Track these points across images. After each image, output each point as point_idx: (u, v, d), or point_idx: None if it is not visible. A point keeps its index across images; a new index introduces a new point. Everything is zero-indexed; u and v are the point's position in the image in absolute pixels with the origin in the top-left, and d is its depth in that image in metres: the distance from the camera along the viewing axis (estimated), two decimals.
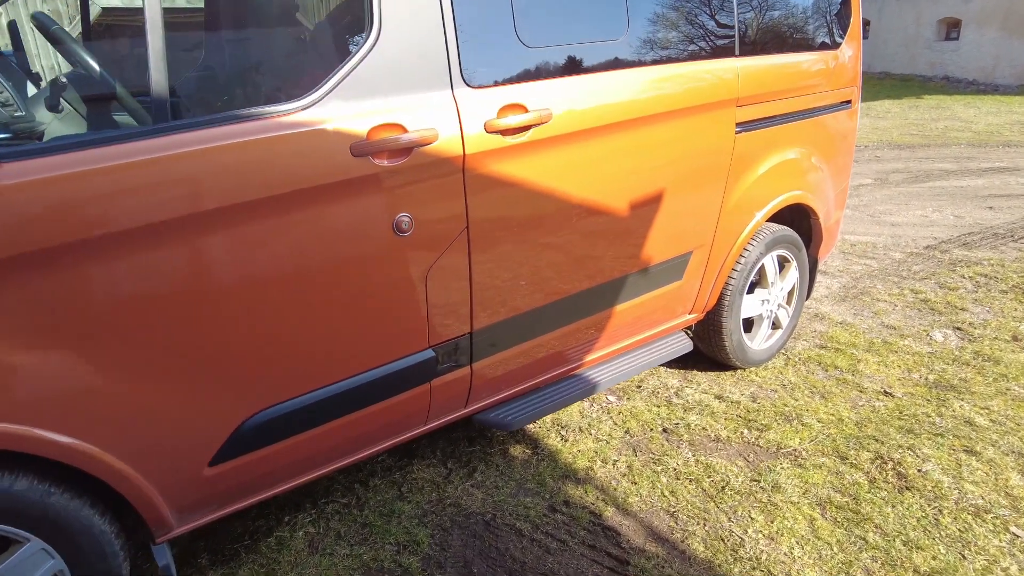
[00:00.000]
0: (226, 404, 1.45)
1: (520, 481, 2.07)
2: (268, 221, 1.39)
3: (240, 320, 1.41)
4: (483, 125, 1.64)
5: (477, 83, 1.65)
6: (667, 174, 2.09)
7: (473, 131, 1.62)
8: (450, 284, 1.70)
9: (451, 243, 1.66)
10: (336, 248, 1.49)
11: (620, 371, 2.24)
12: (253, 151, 1.35)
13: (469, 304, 1.76)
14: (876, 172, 6.08)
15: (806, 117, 2.55)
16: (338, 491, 2.04)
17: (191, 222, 1.31)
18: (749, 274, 2.55)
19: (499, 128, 1.66)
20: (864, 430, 2.30)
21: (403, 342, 1.67)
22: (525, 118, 1.69)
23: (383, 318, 1.61)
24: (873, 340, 3.00)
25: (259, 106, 1.39)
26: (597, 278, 2.03)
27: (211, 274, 1.36)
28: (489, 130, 1.65)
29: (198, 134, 1.31)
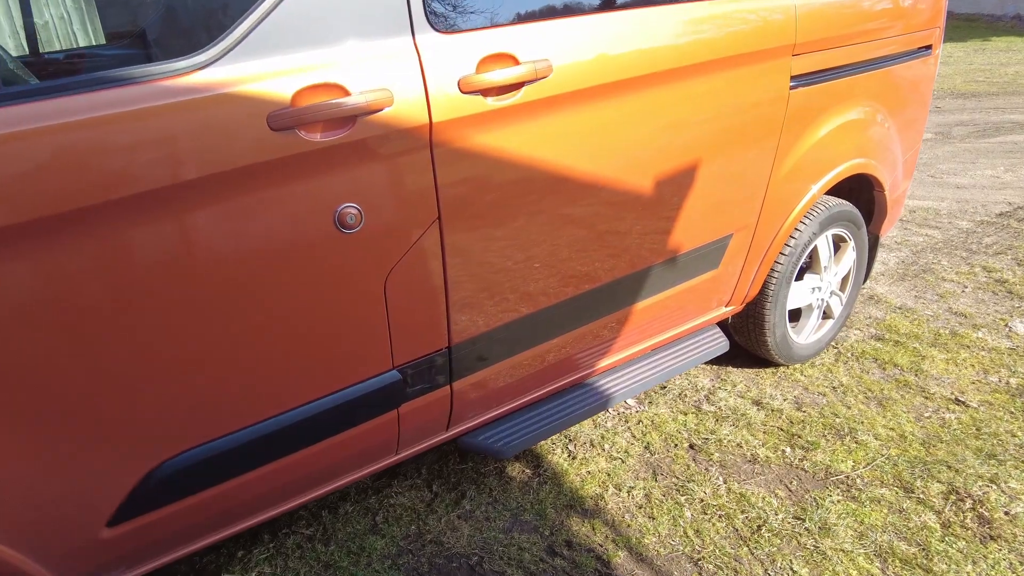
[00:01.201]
0: (121, 454, 1.13)
1: (516, 511, 1.75)
2: (153, 222, 1.03)
3: (130, 353, 1.08)
4: (457, 83, 1.24)
5: (448, 27, 1.25)
6: (703, 142, 1.66)
7: (443, 91, 1.23)
8: (418, 291, 1.34)
9: (417, 239, 1.29)
10: (257, 252, 1.13)
11: (640, 380, 1.87)
12: (123, 128, 0.98)
13: (445, 314, 1.40)
14: (937, 125, 5.45)
15: (876, 67, 2.07)
16: (303, 520, 1.74)
17: (48, 227, 0.96)
18: (799, 258, 2.13)
19: (479, 86, 1.26)
20: (933, 452, 1.91)
21: (357, 365, 1.32)
22: (516, 72, 1.29)
23: (328, 338, 1.26)
24: (939, 331, 2.57)
25: (135, 66, 1.01)
26: (612, 273, 1.65)
27: (85, 292, 1.02)
28: (465, 89, 1.25)
29: (39, 106, 0.94)
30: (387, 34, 1.18)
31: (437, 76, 1.22)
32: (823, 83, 1.90)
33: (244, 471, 1.27)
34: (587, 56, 1.39)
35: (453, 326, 1.42)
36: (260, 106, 1.07)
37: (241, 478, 1.27)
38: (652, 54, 1.49)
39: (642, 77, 1.48)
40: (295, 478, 1.37)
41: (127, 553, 1.22)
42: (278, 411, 1.26)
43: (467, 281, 1.40)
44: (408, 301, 1.33)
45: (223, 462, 1.23)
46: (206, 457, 1.21)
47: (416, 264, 1.31)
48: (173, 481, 1.19)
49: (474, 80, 1.25)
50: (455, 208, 1.31)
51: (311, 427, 1.30)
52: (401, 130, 1.20)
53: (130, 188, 0.99)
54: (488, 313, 1.47)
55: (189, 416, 1.18)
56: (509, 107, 1.31)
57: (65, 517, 1.12)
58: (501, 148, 1.33)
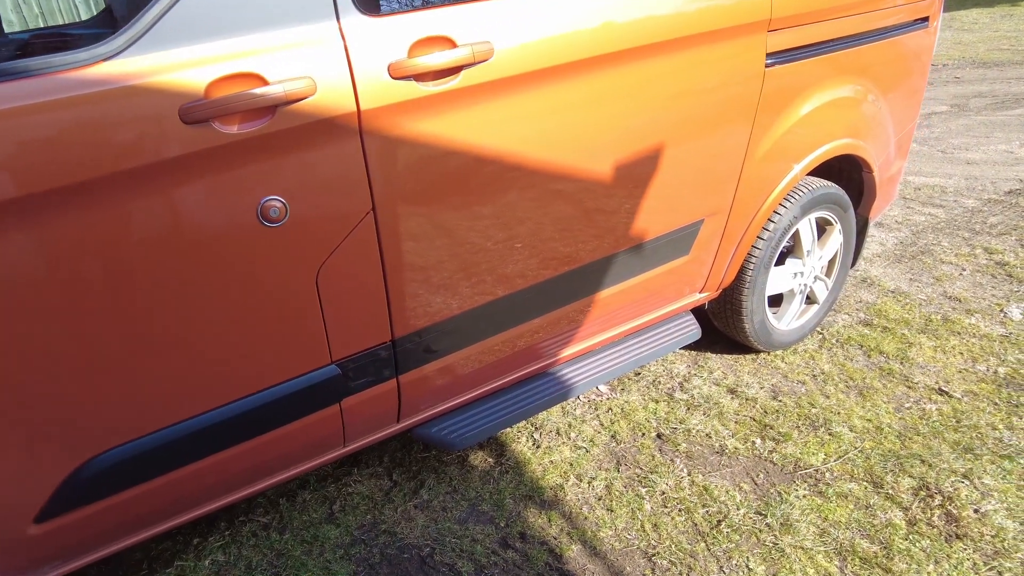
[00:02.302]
0: (47, 451, 1.12)
1: (474, 501, 1.73)
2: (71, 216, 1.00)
3: (53, 350, 1.06)
4: (387, 68, 1.18)
5: (377, 9, 1.18)
6: (667, 127, 1.59)
7: (371, 78, 1.17)
8: (354, 284, 1.30)
9: (350, 232, 1.25)
10: (179, 248, 1.10)
11: (604, 369, 1.83)
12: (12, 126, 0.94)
13: (386, 307, 1.36)
14: (954, 97, 5.24)
15: (864, 42, 1.96)
16: (260, 507, 1.75)
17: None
18: (779, 243, 2.06)
19: (412, 71, 1.20)
20: (908, 445, 1.86)
21: (291, 360, 1.30)
22: (452, 56, 1.23)
23: (258, 334, 1.23)
24: (931, 316, 2.49)
25: (33, 58, 0.97)
26: (570, 263, 1.60)
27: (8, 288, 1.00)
28: (396, 75, 1.19)
29: None
30: (309, 19, 1.12)
31: (365, 62, 1.16)
32: (803, 60, 1.81)
33: (177, 467, 1.26)
34: (534, 37, 1.32)
35: (396, 319, 1.39)
36: (171, 98, 1.03)
37: (174, 473, 1.26)
38: (608, 34, 1.41)
39: (597, 58, 1.41)
40: (234, 473, 1.36)
41: (58, 549, 1.22)
42: (207, 408, 1.24)
43: (409, 274, 1.35)
44: (344, 295, 1.30)
45: (153, 458, 1.22)
46: (136, 454, 1.20)
47: (350, 257, 1.27)
48: (102, 477, 1.18)
49: (406, 65, 1.19)
50: (391, 199, 1.27)
51: (244, 423, 1.29)
52: (326, 120, 1.15)
53: (24, 189, 0.96)
54: (434, 306, 1.43)
55: (116, 412, 1.16)
56: (447, 92, 1.25)
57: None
58: (441, 136, 1.27)
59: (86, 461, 1.16)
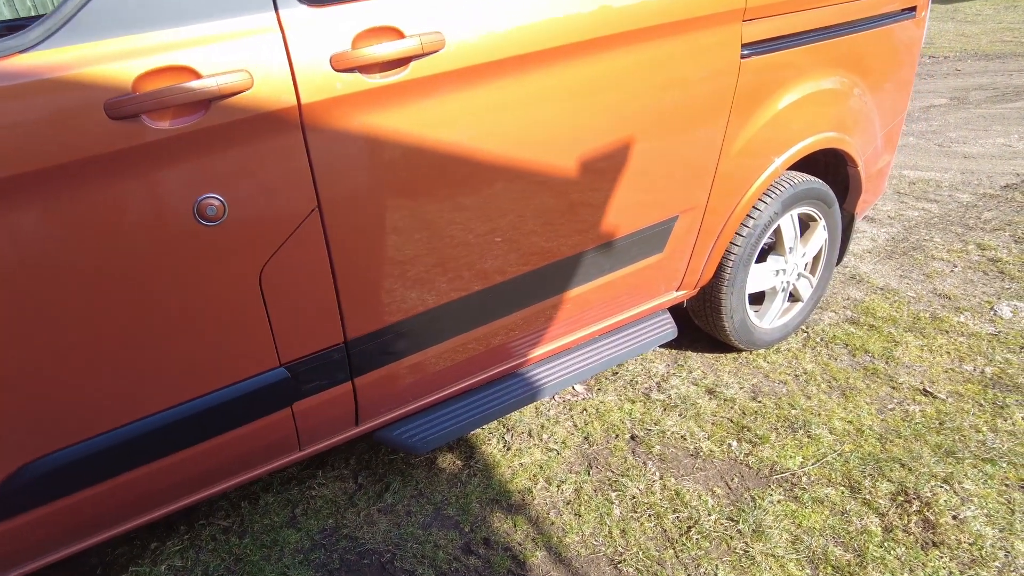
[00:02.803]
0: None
1: (440, 505, 1.69)
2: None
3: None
4: (329, 60, 1.14)
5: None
6: (636, 120, 1.54)
7: (313, 70, 1.12)
8: (301, 285, 1.25)
9: (294, 231, 1.20)
10: (111, 249, 1.06)
11: (575, 370, 1.79)
12: None
13: (337, 308, 1.31)
14: (953, 89, 5.15)
15: (848, 32, 1.90)
16: (222, 510, 1.71)
17: None
18: (759, 239, 2.00)
19: (356, 63, 1.15)
20: (889, 448, 1.80)
21: (237, 363, 1.25)
22: (399, 47, 1.18)
23: (200, 336, 1.19)
24: (919, 314, 2.43)
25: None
26: (535, 262, 1.55)
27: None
28: (339, 67, 1.14)
29: None
30: (245, 9, 1.08)
31: (305, 54, 1.11)
32: (781, 51, 1.75)
33: (119, 472, 1.22)
34: (490, 28, 1.27)
35: (348, 321, 1.34)
36: (95, 93, 0.98)
37: (118, 479, 1.22)
38: (570, 24, 1.36)
39: (558, 49, 1.36)
40: (183, 477, 1.32)
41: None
42: (149, 412, 1.20)
43: (360, 275, 1.31)
44: (290, 296, 1.25)
45: (95, 463, 1.18)
46: (76, 458, 1.16)
47: (296, 257, 1.22)
48: (42, 483, 1.15)
49: (349, 57, 1.14)
50: (338, 197, 1.22)
51: (190, 427, 1.25)
52: (264, 115, 1.10)
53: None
54: (390, 307, 1.39)
55: (51, 417, 1.12)
56: (395, 85, 1.20)
57: None
58: (390, 130, 1.22)
59: (23, 466, 1.13)
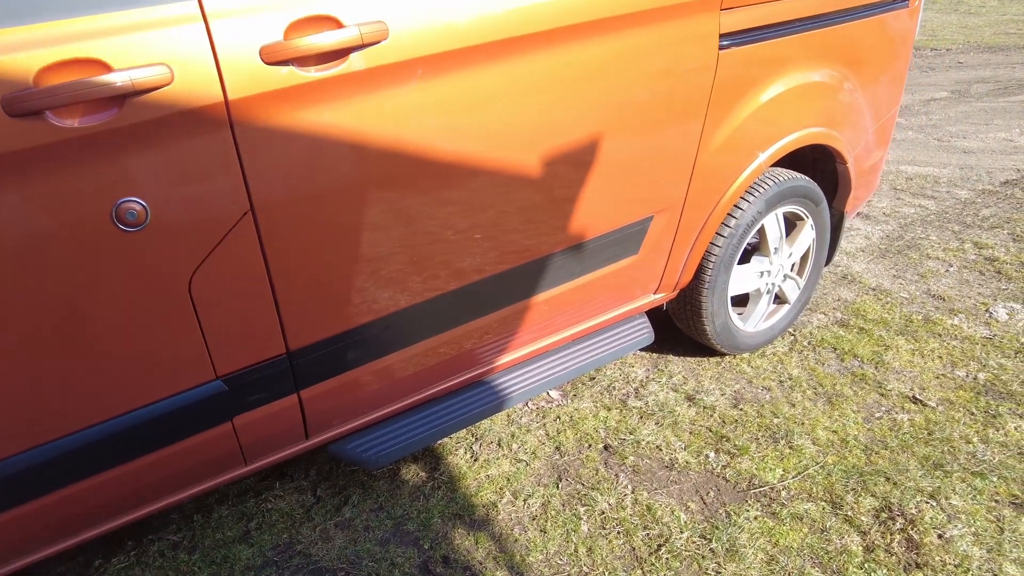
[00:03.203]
0: None
1: (400, 520, 1.61)
2: None
3: None
4: (259, 52, 1.05)
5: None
6: (606, 115, 1.45)
7: (240, 63, 1.04)
8: (236, 293, 1.17)
9: (225, 236, 1.12)
10: (22, 258, 0.98)
11: (542, 378, 1.70)
12: None
13: (276, 318, 1.23)
14: (955, 83, 5.03)
15: (835, 22, 1.81)
16: (173, 524, 1.64)
17: None
18: (742, 240, 1.92)
19: (289, 55, 1.06)
20: (874, 460, 1.72)
21: (167, 376, 1.17)
22: (337, 38, 1.09)
23: (124, 348, 1.11)
24: (912, 316, 2.34)
25: None
26: (495, 266, 1.46)
27: None
28: (270, 59, 1.06)
29: None
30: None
31: (231, 45, 1.03)
32: (763, 42, 1.65)
33: (47, 490, 1.14)
34: (439, 17, 1.18)
35: (290, 331, 1.26)
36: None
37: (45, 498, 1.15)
38: (529, 12, 1.27)
39: (516, 40, 1.27)
40: (118, 495, 1.25)
41: None
42: (75, 428, 1.12)
43: (300, 282, 1.23)
44: (223, 305, 1.17)
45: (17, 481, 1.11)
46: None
47: (228, 264, 1.14)
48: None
49: (281, 48, 1.05)
50: (273, 199, 1.13)
51: (121, 443, 1.17)
52: (186, 111, 1.01)
53: None
54: (336, 315, 1.30)
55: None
56: (333, 78, 1.11)
57: None
58: (329, 126, 1.14)
59: None
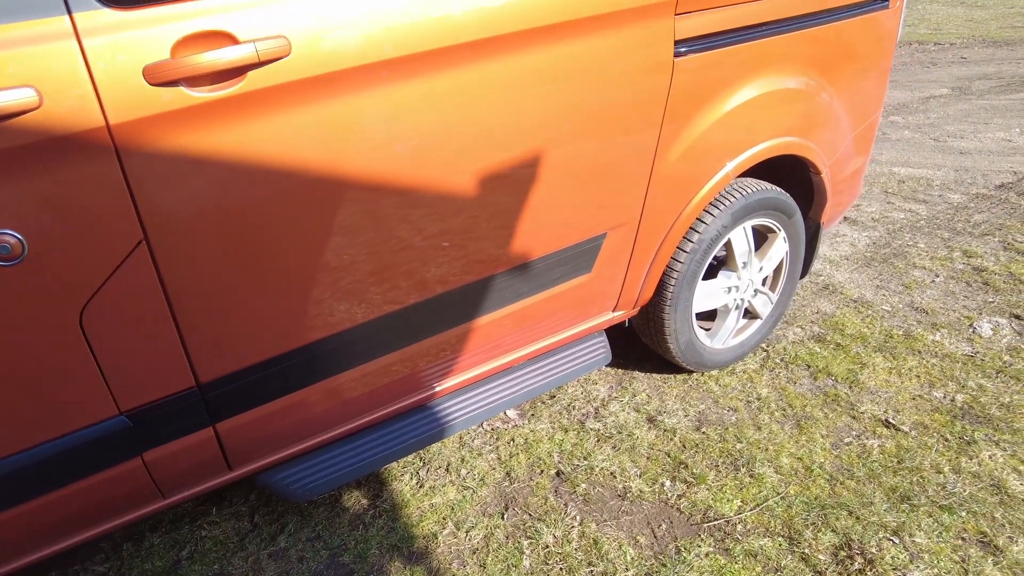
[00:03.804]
0: None
1: (336, 551, 1.55)
2: None
3: None
4: (143, 72, 0.97)
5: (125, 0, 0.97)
6: (548, 131, 1.36)
7: (121, 85, 0.96)
8: (133, 326, 1.10)
9: (118, 267, 1.04)
10: None
11: (487, 404, 1.63)
12: None
13: (182, 350, 1.16)
14: (956, 79, 4.89)
15: (805, 25, 1.71)
16: (102, 553, 1.58)
17: None
18: (706, 255, 1.83)
19: (177, 75, 0.98)
20: (838, 491, 1.64)
21: (65, 414, 1.11)
22: (231, 55, 1.01)
23: (12, 387, 1.04)
24: (892, 331, 2.24)
25: None
26: (425, 290, 1.38)
27: None
28: (156, 80, 0.97)
29: None
30: (26, 12, 0.91)
31: (110, 65, 0.95)
32: (724, 48, 1.56)
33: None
34: (350, 31, 1.09)
35: (198, 363, 1.19)
36: None
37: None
38: (455, 23, 1.18)
39: (442, 51, 1.18)
40: (26, 531, 1.19)
41: None
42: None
43: (207, 312, 1.15)
44: (122, 340, 1.10)
45: None
46: None
47: (123, 296, 1.07)
48: None
49: (167, 68, 0.97)
50: (169, 227, 1.06)
51: (20, 481, 1.10)
52: (60, 137, 0.94)
53: None
54: (250, 345, 1.23)
55: None
56: (230, 98, 1.03)
57: None
58: (229, 150, 1.06)
59: None
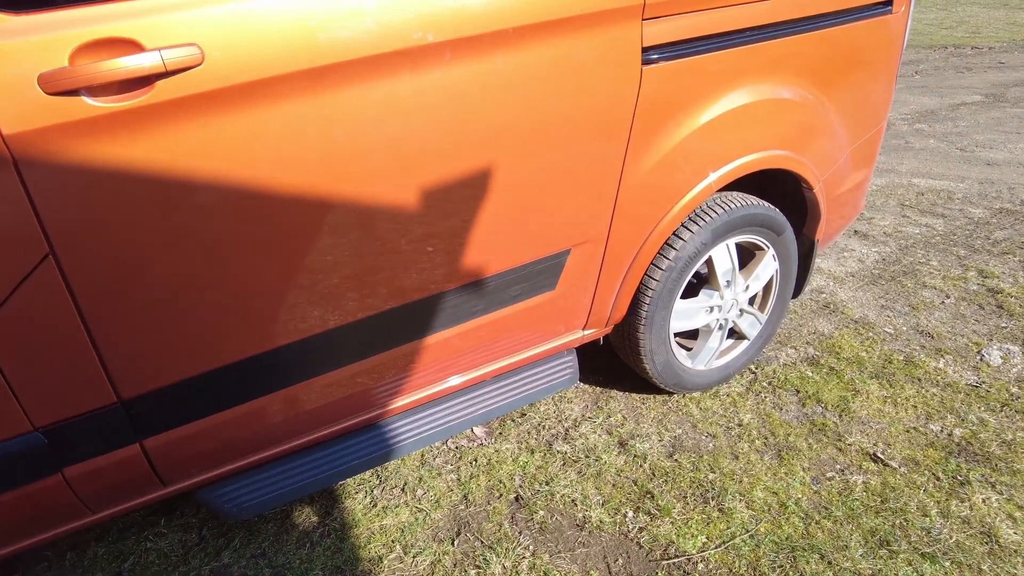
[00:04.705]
0: None
1: (280, 569, 1.50)
2: None
3: None
4: (37, 81, 0.92)
5: (17, 4, 0.92)
6: (502, 141, 1.28)
7: (15, 94, 0.91)
8: (43, 341, 1.06)
9: (22, 281, 1.00)
10: None
11: (438, 426, 1.56)
12: None
13: (99, 366, 1.12)
14: (991, 85, 4.65)
15: (795, 32, 1.60)
16: (45, 561, 1.55)
17: None
18: (683, 273, 1.73)
19: (76, 83, 0.93)
20: (813, 532, 1.53)
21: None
22: (135, 64, 0.95)
23: None
24: (892, 356, 2.11)
25: None
26: (375, 305, 1.32)
27: None
28: (53, 89, 0.93)
29: None
30: None
31: (2, 73, 0.91)
32: (700, 55, 1.46)
33: None
34: (273, 37, 1.03)
35: (119, 379, 1.14)
36: None
37: None
38: (397, 26, 1.11)
39: (381, 57, 1.12)
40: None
41: None
42: None
43: (124, 328, 1.11)
44: (30, 354, 1.06)
45: None
46: None
47: (29, 310, 1.03)
48: None
49: (65, 76, 0.93)
50: (77, 240, 1.01)
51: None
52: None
53: None
54: (177, 361, 1.18)
55: None
56: (137, 108, 0.98)
57: None
58: (139, 160, 1.01)
59: None
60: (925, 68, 6.59)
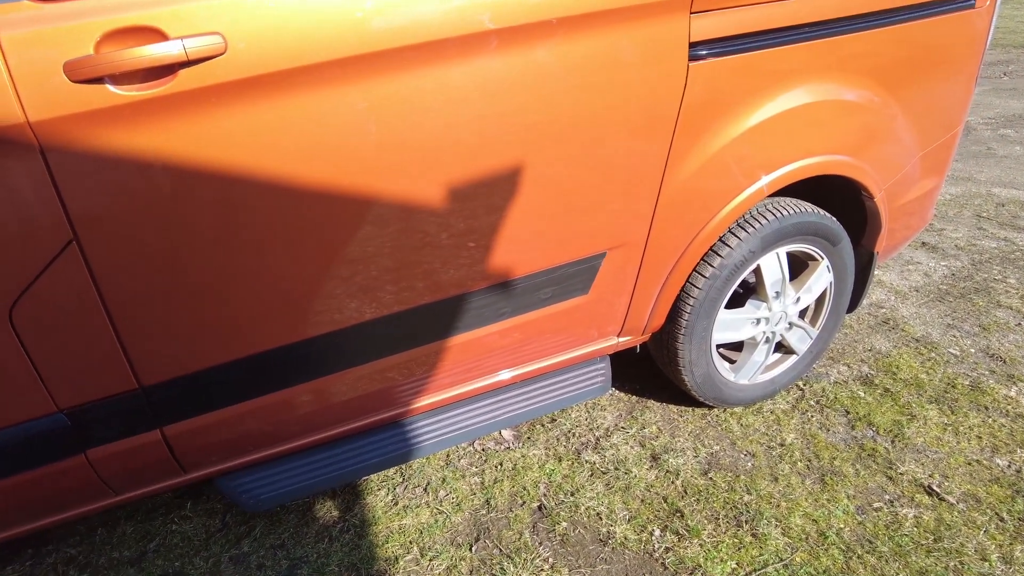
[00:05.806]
0: None
1: (296, 562, 1.50)
2: None
3: None
4: (63, 68, 0.93)
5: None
6: (527, 139, 1.23)
7: (41, 81, 0.92)
8: (66, 325, 1.07)
9: (47, 266, 1.02)
10: None
11: (461, 428, 1.52)
12: None
13: (120, 351, 1.13)
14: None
15: (860, 28, 1.48)
16: (77, 535, 1.60)
17: None
18: (729, 282, 1.64)
19: (101, 71, 0.93)
20: (853, 567, 1.42)
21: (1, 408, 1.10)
22: (159, 52, 0.95)
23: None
24: (956, 380, 1.96)
25: None
26: (388, 305, 1.29)
27: None
28: (78, 77, 0.93)
29: None
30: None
31: (27, 60, 0.91)
32: (752, 52, 1.37)
33: None
34: (289, 28, 1.01)
35: (139, 365, 1.15)
36: None
37: None
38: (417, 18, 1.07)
39: (408, 49, 1.08)
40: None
41: None
42: None
43: (146, 316, 1.11)
44: (55, 337, 1.07)
45: None
46: None
47: (53, 295, 1.04)
48: None
49: (90, 64, 0.92)
50: (101, 227, 1.02)
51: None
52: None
53: None
54: (198, 350, 1.18)
55: None
56: (160, 97, 0.97)
57: None
58: (163, 149, 1.00)
59: None
60: (1015, 69, 6.14)
